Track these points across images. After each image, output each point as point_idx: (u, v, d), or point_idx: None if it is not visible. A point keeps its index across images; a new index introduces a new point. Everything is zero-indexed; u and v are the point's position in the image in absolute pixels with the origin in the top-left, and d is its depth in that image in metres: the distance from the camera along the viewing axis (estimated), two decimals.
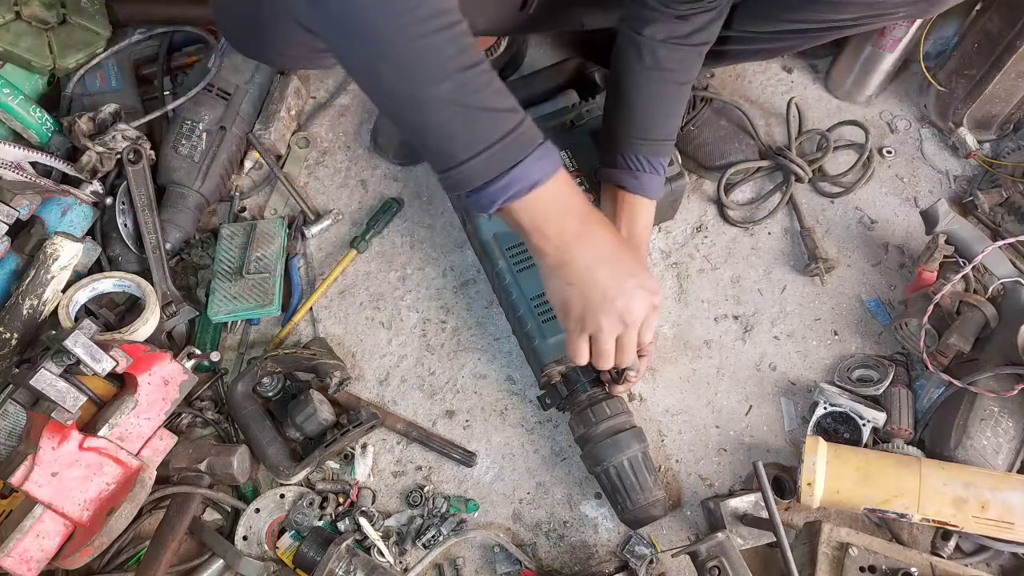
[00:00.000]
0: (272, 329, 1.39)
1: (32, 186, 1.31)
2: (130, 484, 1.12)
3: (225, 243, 1.41)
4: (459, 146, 0.82)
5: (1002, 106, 1.42)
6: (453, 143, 0.82)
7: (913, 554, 1.10)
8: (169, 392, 1.19)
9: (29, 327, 1.23)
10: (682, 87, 1.12)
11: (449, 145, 0.82)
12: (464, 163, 0.82)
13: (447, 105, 0.80)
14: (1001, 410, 1.16)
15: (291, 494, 1.23)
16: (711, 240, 1.44)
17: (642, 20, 1.05)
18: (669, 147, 1.15)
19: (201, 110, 1.43)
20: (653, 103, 1.09)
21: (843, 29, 1.18)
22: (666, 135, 1.14)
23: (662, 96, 1.11)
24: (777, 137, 1.52)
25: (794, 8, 1.14)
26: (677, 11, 1.03)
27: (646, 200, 1.15)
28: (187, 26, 1.53)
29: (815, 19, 1.14)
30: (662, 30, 1.05)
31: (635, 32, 1.06)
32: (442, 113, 0.80)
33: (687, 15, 1.03)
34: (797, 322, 1.37)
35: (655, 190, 1.15)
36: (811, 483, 1.12)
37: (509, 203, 0.86)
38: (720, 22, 1.08)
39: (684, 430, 1.30)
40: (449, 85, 0.78)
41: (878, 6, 1.09)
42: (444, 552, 1.21)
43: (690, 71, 1.11)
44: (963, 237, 1.27)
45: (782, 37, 1.22)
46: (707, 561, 1.06)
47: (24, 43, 1.41)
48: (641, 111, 1.11)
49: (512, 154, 0.83)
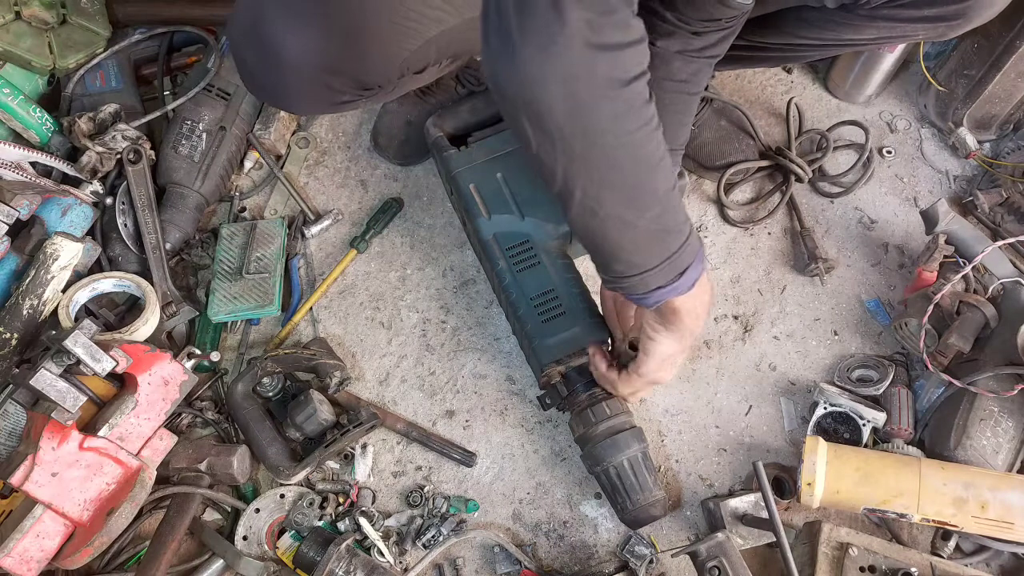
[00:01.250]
0: (272, 329, 1.39)
1: (32, 186, 1.31)
2: (130, 484, 1.12)
3: (225, 243, 1.41)
4: (646, 257, 0.89)
5: (1002, 106, 1.42)
6: (643, 255, 0.89)
7: (913, 554, 1.10)
8: (169, 392, 1.19)
9: (29, 327, 1.23)
10: (692, 98, 1.14)
11: (637, 257, 0.90)
12: (648, 271, 0.90)
13: (651, 226, 0.87)
14: (1001, 410, 1.16)
15: (291, 494, 1.23)
16: (711, 240, 1.44)
17: (657, 32, 1.06)
18: (679, 156, 1.18)
19: (201, 110, 1.43)
20: (666, 113, 1.11)
21: (857, 46, 1.19)
22: (678, 144, 1.16)
23: (674, 105, 1.12)
24: (777, 137, 1.52)
25: (813, 26, 1.15)
26: (694, 27, 1.04)
27: None
28: (187, 26, 1.53)
29: (831, 38, 1.15)
30: (676, 43, 1.06)
31: (649, 43, 1.07)
32: (644, 232, 0.88)
33: (703, 32, 1.04)
34: (797, 322, 1.37)
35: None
36: (811, 483, 1.12)
37: (671, 298, 0.94)
38: (732, 39, 1.08)
39: (684, 430, 1.30)
40: (657, 210, 0.86)
41: (898, 28, 1.10)
42: (444, 552, 1.21)
43: (701, 82, 1.13)
44: (963, 237, 1.27)
45: (796, 49, 1.23)
46: (707, 561, 1.06)
47: (24, 43, 1.41)
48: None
49: (684, 261, 0.91)
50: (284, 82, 1.02)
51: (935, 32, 1.10)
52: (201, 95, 1.44)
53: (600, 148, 0.81)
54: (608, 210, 0.86)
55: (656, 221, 0.87)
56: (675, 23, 1.04)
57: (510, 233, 1.26)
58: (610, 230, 0.88)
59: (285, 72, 1.00)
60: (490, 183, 1.29)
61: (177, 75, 1.59)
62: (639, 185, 0.85)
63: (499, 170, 1.30)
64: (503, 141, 1.32)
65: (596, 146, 0.81)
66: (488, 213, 1.27)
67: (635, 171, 0.84)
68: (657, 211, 0.87)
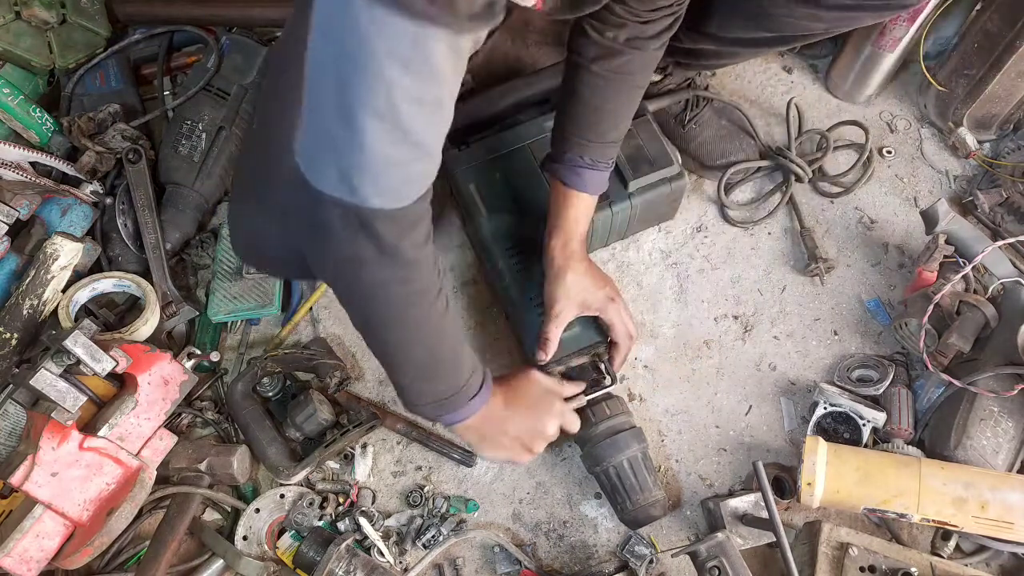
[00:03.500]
0: (272, 329, 1.39)
1: (32, 186, 1.31)
2: (130, 484, 1.12)
3: (225, 243, 1.41)
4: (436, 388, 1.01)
5: (1002, 106, 1.42)
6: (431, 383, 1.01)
7: (913, 554, 1.10)
8: (169, 392, 1.19)
9: (29, 327, 1.23)
10: (637, 90, 1.14)
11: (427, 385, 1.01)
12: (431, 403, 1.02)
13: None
14: (1001, 410, 1.16)
15: (291, 494, 1.23)
16: (711, 240, 1.44)
17: (608, 24, 1.06)
18: (616, 147, 1.18)
19: (201, 110, 1.43)
20: (608, 105, 1.12)
21: (820, 35, 1.21)
22: (616, 137, 1.15)
23: (619, 98, 1.12)
24: (777, 137, 1.52)
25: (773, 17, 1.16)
26: (642, 17, 1.04)
27: (585, 195, 1.16)
28: (187, 26, 1.53)
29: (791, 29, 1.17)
30: (625, 32, 1.06)
31: (598, 34, 1.08)
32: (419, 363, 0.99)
33: (652, 19, 1.05)
34: (797, 322, 1.37)
35: (597, 186, 1.17)
36: (811, 483, 1.12)
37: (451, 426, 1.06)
38: (678, 23, 1.09)
39: (684, 430, 1.30)
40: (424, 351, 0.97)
41: (848, 21, 1.15)
42: (444, 552, 1.21)
43: (647, 74, 1.13)
44: (963, 237, 1.27)
45: (764, 42, 1.25)
46: (707, 561, 1.06)
47: (24, 43, 1.41)
48: (595, 112, 1.12)
49: (457, 403, 1.02)
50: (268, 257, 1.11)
51: (891, 14, 1.17)
52: (201, 95, 1.44)
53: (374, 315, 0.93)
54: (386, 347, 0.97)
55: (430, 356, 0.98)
56: (623, 15, 1.04)
57: (510, 233, 1.26)
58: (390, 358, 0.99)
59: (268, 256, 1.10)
60: (490, 183, 1.29)
61: (177, 75, 1.59)
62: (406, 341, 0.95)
63: (499, 170, 1.30)
64: (503, 141, 1.32)
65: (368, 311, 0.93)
66: (488, 213, 1.27)
67: (403, 333, 0.94)
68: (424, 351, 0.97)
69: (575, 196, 1.15)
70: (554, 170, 1.16)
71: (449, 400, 1.00)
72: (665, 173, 1.29)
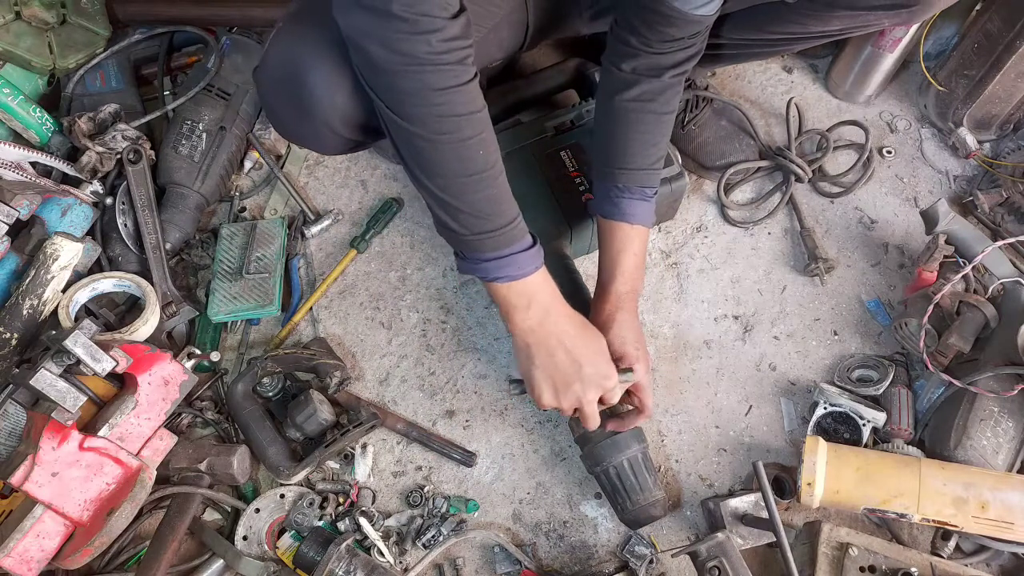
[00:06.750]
0: (272, 329, 1.39)
1: (32, 186, 1.31)
2: (130, 484, 1.12)
3: (225, 243, 1.41)
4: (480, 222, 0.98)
5: (1002, 106, 1.42)
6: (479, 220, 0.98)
7: (913, 554, 1.10)
8: (169, 392, 1.19)
9: (29, 327, 1.23)
10: (663, 117, 1.13)
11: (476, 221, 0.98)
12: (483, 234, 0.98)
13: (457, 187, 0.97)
14: (1001, 410, 1.16)
15: (291, 494, 1.23)
16: (711, 240, 1.44)
17: (621, 56, 1.07)
18: (653, 175, 1.16)
19: (201, 110, 1.43)
20: (632, 134, 1.13)
21: (830, 36, 1.21)
22: (647, 164, 1.15)
23: (641, 125, 1.12)
24: (777, 137, 1.53)
25: (782, 21, 1.18)
26: (656, 49, 1.05)
27: (627, 226, 1.15)
28: (187, 26, 1.54)
29: (800, 31, 1.18)
30: (640, 65, 1.07)
31: (615, 67, 1.09)
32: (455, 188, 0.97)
33: (666, 52, 1.05)
34: (797, 322, 1.37)
35: (639, 216, 1.15)
36: (811, 483, 1.12)
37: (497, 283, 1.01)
38: (698, 57, 1.10)
39: (684, 430, 1.30)
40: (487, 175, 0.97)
41: (861, 18, 1.13)
42: (444, 552, 1.21)
43: (670, 102, 1.13)
44: (963, 237, 1.27)
45: (772, 44, 1.26)
46: (707, 561, 1.06)
47: (24, 43, 1.41)
48: (621, 142, 1.13)
49: (512, 239, 0.99)
50: (316, 132, 1.05)
51: (898, 19, 1.14)
52: (201, 95, 1.44)
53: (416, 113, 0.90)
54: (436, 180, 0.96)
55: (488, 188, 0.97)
56: (637, 47, 1.05)
57: None
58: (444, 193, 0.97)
59: (318, 126, 1.03)
60: None
61: (177, 75, 1.59)
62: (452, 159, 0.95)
63: None
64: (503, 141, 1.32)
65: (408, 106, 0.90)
66: None
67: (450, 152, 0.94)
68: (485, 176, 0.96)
69: (615, 228, 1.15)
70: (591, 206, 1.18)
71: (503, 233, 0.97)
72: (665, 173, 1.28)
